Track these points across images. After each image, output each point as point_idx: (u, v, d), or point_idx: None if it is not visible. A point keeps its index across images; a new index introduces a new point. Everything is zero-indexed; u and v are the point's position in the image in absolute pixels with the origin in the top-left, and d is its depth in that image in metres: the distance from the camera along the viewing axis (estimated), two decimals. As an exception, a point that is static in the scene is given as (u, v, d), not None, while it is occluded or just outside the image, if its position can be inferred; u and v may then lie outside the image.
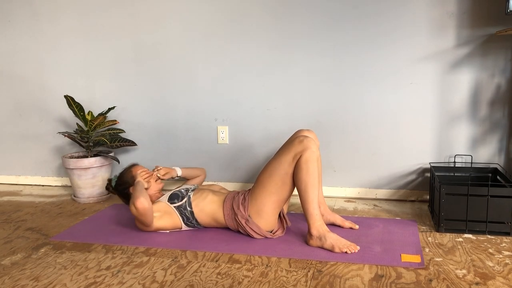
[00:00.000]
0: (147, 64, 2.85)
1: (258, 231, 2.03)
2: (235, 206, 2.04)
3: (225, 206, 2.08)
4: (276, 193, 1.99)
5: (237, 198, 2.07)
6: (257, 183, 2.05)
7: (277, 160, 2.00)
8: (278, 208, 2.03)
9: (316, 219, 1.93)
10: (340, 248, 1.86)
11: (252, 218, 2.02)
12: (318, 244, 1.93)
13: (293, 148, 1.96)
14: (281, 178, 1.97)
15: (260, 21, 2.62)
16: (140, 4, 2.78)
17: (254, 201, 2.02)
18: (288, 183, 1.98)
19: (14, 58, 3.07)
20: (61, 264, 1.85)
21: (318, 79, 2.61)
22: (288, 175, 1.97)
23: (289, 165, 1.96)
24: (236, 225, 2.07)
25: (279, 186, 1.98)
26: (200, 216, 2.11)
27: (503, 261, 1.78)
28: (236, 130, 2.80)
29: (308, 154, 1.92)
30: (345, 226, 2.17)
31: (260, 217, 2.01)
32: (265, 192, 1.99)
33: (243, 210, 2.02)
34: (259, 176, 2.05)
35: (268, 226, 2.04)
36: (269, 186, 1.99)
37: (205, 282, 1.66)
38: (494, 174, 2.35)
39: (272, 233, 2.07)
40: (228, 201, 2.08)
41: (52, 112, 3.09)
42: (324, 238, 1.90)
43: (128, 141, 2.84)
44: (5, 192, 3.04)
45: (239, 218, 2.02)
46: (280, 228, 2.10)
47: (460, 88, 2.44)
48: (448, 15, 2.38)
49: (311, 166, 1.92)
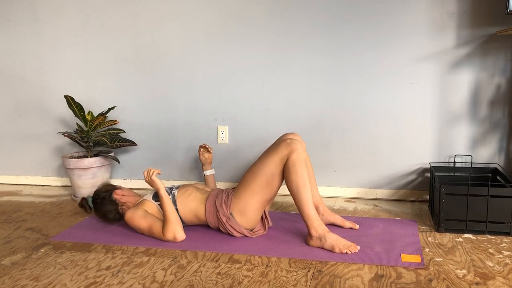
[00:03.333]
0: (147, 64, 2.85)
1: (238, 229, 2.04)
2: (217, 204, 2.06)
3: (207, 203, 2.09)
4: (260, 193, 2.00)
5: (221, 195, 2.08)
6: (241, 182, 2.06)
7: (263, 161, 2.01)
8: (262, 208, 2.05)
9: (314, 219, 1.93)
10: (340, 248, 1.86)
11: (234, 216, 2.04)
12: (318, 244, 1.93)
13: (280, 150, 1.97)
14: (266, 179, 1.99)
15: (260, 21, 2.62)
16: (140, 4, 2.78)
17: (238, 199, 2.03)
18: (272, 184, 2.00)
19: (14, 58, 3.07)
20: (61, 264, 1.85)
21: (318, 79, 2.61)
22: (273, 176, 1.99)
23: (275, 167, 1.98)
24: (217, 222, 2.08)
25: (264, 187, 2.00)
26: (183, 213, 2.12)
27: (503, 261, 1.78)
28: (236, 130, 2.80)
29: (295, 156, 1.93)
30: (345, 226, 2.17)
31: (243, 216, 2.03)
32: (249, 192, 2.01)
33: (225, 208, 2.04)
34: (244, 176, 2.07)
35: (249, 225, 2.06)
36: (253, 186, 2.00)
37: (205, 282, 1.66)
38: (494, 174, 2.35)
39: (252, 231, 2.08)
40: (211, 198, 2.09)
41: (52, 112, 3.09)
42: (324, 238, 1.90)
43: (128, 141, 2.84)
44: (5, 192, 3.04)
45: (221, 216, 2.04)
46: (262, 228, 2.11)
47: (460, 88, 2.44)
48: (448, 15, 2.38)
49: (299, 167, 1.93)
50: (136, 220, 2.07)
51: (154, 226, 2.05)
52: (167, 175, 2.97)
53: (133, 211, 2.09)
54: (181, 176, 2.94)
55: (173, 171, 2.95)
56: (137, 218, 2.07)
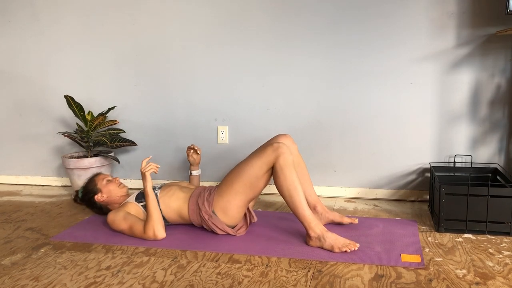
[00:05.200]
0: (147, 64, 2.85)
1: (221, 227, 2.05)
2: (200, 202, 2.06)
3: (190, 201, 2.10)
4: (243, 193, 2.01)
5: (203, 194, 2.09)
6: (225, 181, 2.06)
7: (248, 163, 2.01)
8: (244, 206, 2.06)
9: (311, 219, 1.93)
10: (339, 248, 1.86)
11: (216, 214, 2.04)
12: (317, 244, 1.93)
13: (266, 154, 1.97)
14: (249, 180, 1.99)
15: (261, 21, 2.62)
16: (141, 4, 2.78)
17: (220, 198, 2.03)
18: (256, 186, 2.00)
19: (14, 58, 3.07)
20: (61, 264, 1.85)
21: (318, 79, 2.61)
22: (257, 178, 1.99)
23: (260, 170, 1.97)
24: (200, 220, 2.09)
25: (247, 187, 2.00)
26: (166, 212, 2.13)
27: (503, 261, 1.78)
28: (236, 130, 2.80)
29: (282, 160, 1.93)
30: (344, 222, 2.17)
31: (225, 214, 2.04)
32: (231, 191, 2.01)
33: (207, 206, 2.04)
34: (228, 174, 2.07)
35: (232, 222, 2.07)
36: (236, 185, 2.01)
37: (205, 282, 1.66)
38: (494, 174, 2.35)
39: (235, 229, 2.09)
40: (194, 196, 2.10)
41: (52, 112, 3.09)
42: (323, 238, 1.90)
43: (128, 141, 2.84)
44: (5, 192, 3.04)
45: (203, 213, 2.05)
46: (244, 226, 2.12)
47: (460, 88, 2.44)
48: (448, 15, 2.38)
49: (288, 171, 1.93)
50: (117, 223, 2.10)
51: (135, 225, 2.06)
52: (167, 175, 2.97)
53: (114, 214, 2.12)
54: (181, 176, 2.95)
55: (173, 171, 2.95)
56: (118, 221, 2.09)
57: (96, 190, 2.26)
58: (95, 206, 2.28)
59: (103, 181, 2.27)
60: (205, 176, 2.90)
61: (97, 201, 2.25)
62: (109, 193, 2.26)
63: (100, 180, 2.28)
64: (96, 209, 2.30)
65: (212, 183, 2.87)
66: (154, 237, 2.04)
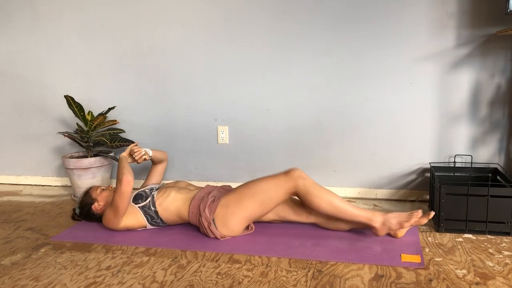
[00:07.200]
0: (147, 64, 2.85)
1: (216, 235, 2.03)
2: (201, 207, 2.04)
3: (192, 204, 2.08)
4: (250, 210, 1.98)
5: (206, 199, 2.06)
6: (235, 193, 2.02)
7: (263, 182, 1.97)
8: (246, 224, 2.04)
9: (364, 214, 1.92)
10: (408, 222, 1.90)
11: (215, 224, 2.01)
12: (386, 231, 1.94)
13: (282, 182, 1.93)
14: (261, 200, 1.96)
15: (261, 21, 2.62)
16: (140, 4, 2.78)
17: (225, 208, 2.00)
18: (265, 207, 1.97)
19: (14, 58, 3.07)
20: (61, 264, 1.85)
21: (319, 79, 2.61)
22: (271, 199, 1.95)
23: (276, 194, 1.94)
24: (198, 224, 2.09)
25: (256, 206, 1.97)
26: (164, 214, 2.13)
27: (503, 261, 1.78)
28: (236, 130, 2.80)
29: (301, 183, 1.91)
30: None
31: (224, 226, 2.01)
32: (239, 204, 1.98)
33: (208, 212, 2.02)
34: (241, 188, 2.02)
35: (229, 234, 2.04)
36: (246, 201, 1.97)
37: (205, 282, 1.66)
38: (494, 174, 2.35)
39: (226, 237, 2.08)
40: (197, 200, 2.08)
41: (52, 112, 3.09)
42: (388, 221, 1.92)
43: (128, 141, 2.84)
44: (5, 192, 3.04)
45: (203, 220, 2.03)
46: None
47: (460, 88, 2.44)
48: (448, 15, 2.38)
49: (314, 189, 1.91)
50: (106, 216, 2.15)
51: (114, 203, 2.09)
52: (167, 175, 2.97)
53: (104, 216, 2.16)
54: (181, 176, 2.94)
55: (173, 171, 2.95)
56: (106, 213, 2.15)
57: (91, 200, 2.26)
58: (94, 217, 2.28)
59: (97, 191, 2.28)
60: (205, 176, 2.90)
61: (95, 210, 2.25)
62: (105, 199, 2.26)
63: (94, 191, 2.29)
64: (95, 220, 2.30)
65: (212, 183, 2.87)
66: (127, 183, 2.05)
